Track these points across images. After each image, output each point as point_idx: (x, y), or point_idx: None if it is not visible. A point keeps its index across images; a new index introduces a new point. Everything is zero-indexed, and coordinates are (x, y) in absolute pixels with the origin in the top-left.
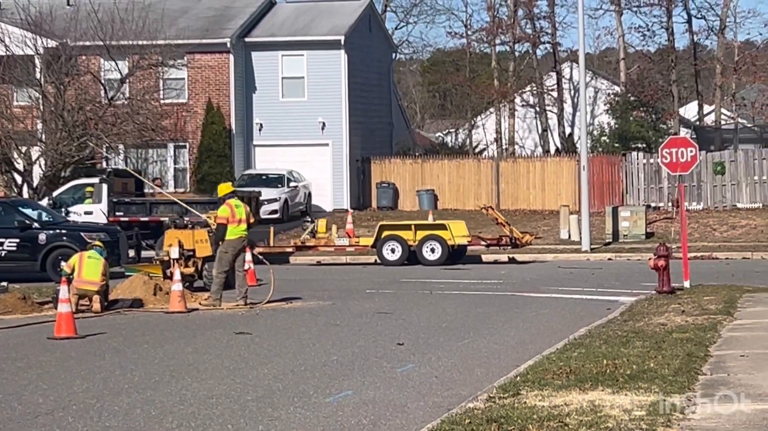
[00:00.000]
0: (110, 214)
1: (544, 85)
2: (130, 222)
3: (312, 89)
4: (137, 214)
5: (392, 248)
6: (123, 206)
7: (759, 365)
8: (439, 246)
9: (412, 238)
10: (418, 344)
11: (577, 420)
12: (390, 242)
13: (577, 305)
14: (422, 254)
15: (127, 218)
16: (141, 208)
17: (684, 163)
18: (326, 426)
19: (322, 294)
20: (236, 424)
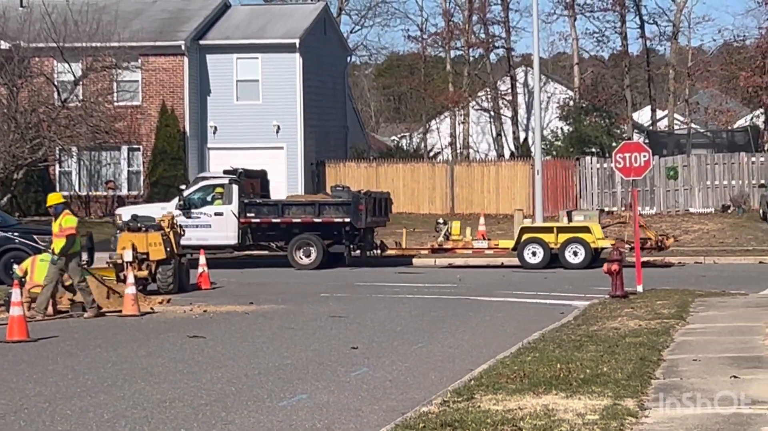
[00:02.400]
0: (241, 216)
1: (498, 90)
2: (261, 223)
3: (266, 92)
4: (269, 216)
5: (533, 251)
6: (254, 207)
7: (711, 369)
8: (582, 249)
9: (554, 241)
10: (372, 348)
11: (531, 424)
12: (531, 245)
13: (531, 309)
14: (564, 257)
15: (259, 219)
16: (273, 209)
17: (637, 168)
18: (280, 430)
19: (276, 297)
20: (189, 428)
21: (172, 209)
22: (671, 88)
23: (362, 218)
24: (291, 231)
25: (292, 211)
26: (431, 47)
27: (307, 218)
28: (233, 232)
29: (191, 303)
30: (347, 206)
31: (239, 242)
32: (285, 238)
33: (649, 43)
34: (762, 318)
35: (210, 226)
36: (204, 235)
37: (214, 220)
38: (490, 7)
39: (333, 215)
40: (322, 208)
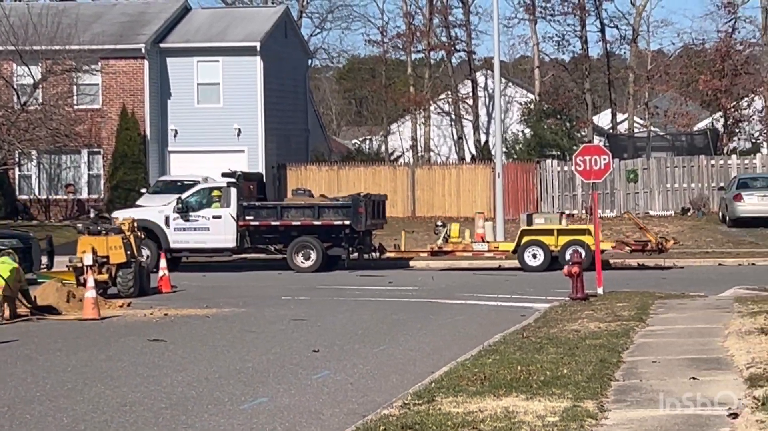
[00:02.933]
0: (239, 219)
1: (459, 93)
2: (260, 226)
3: (227, 95)
4: (267, 218)
5: (534, 253)
6: (253, 210)
7: (670, 371)
8: (582, 252)
9: (554, 243)
10: (333, 351)
11: (491, 426)
12: (531, 247)
13: (492, 312)
14: (565, 259)
15: (258, 222)
16: (272, 212)
17: (597, 171)
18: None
19: (237, 301)
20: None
21: (170, 212)
22: (631, 91)
23: (362, 221)
24: (289, 234)
25: (292, 214)
26: (392, 50)
27: (306, 221)
28: (231, 235)
29: (152, 306)
30: (347, 209)
31: (237, 245)
32: (284, 241)
33: (609, 46)
34: (721, 320)
35: (208, 229)
36: (202, 238)
37: (212, 223)
38: (452, 10)
39: (332, 218)
40: (321, 210)
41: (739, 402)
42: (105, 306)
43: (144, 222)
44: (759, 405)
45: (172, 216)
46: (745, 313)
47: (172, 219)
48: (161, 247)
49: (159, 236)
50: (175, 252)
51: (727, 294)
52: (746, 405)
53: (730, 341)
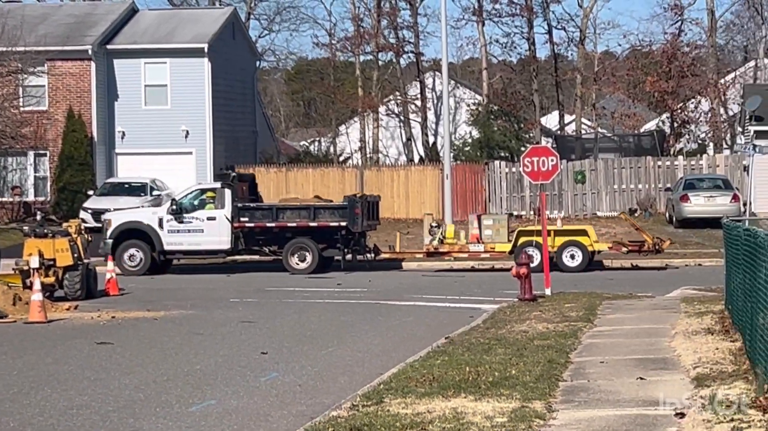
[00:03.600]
0: (234, 220)
1: (407, 95)
2: (255, 228)
3: (175, 97)
4: (263, 220)
5: (530, 254)
6: (248, 212)
7: (618, 371)
8: (579, 253)
9: (551, 244)
10: (282, 353)
11: (440, 427)
12: (528, 248)
13: (441, 313)
14: (562, 260)
15: (253, 224)
16: (267, 214)
17: (545, 172)
18: None
19: (185, 303)
20: None
21: (164, 214)
22: (579, 92)
23: (359, 222)
24: (284, 235)
25: (287, 215)
26: (341, 52)
27: (302, 222)
28: (226, 237)
29: (99, 309)
30: (343, 210)
31: (232, 247)
32: (278, 243)
33: (556, 48)
34: (668, 320)
35: (202, 231)
36: (196, 240)
37: (206, 225)
38: (400, 12)
39: (329, 219)
40: (317, 211)
41: (686, 402)
42: (52, 309)
43: (137, 224)
44: (705, 405)
45: (165, 217)
46: (692, 313)
47: (166, 221)
48: (155, 249)
49: (152, 238)
50: (169, 254)
51: (674, 294)
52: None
53: (677, 341)
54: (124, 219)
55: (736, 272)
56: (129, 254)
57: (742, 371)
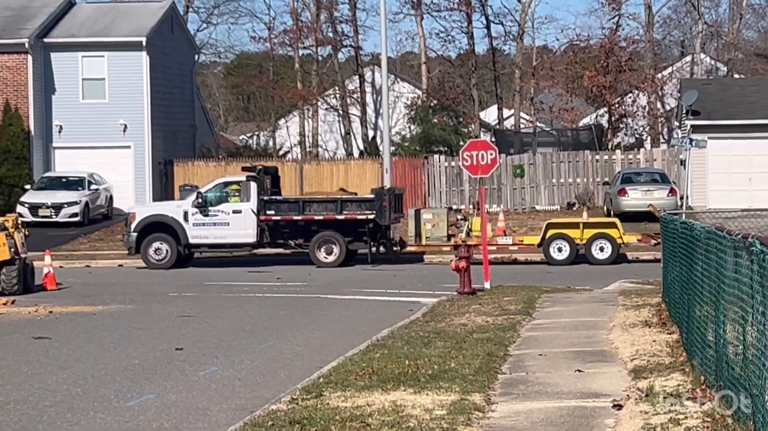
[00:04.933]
0: (260, 213)
1: (346, 89)
2: (281, 221)
3: (113, 91)
4: (289, 213)
5: (559, 247)
6: (274, 204)
7: (556, 364)
8: (609, 245)
9: (580, 237)
10: (221, 347)
11: (380, 421)
12: (557, 241)
13: (380, 307)
14: (591, 253)
15: (279, 217)
16: (293, 207)
17: (484, 166)
18: (127, 430)
19: (123, 297)
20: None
21: (189, 207)
22: (517, 87)
23: (386, 215)
24: (310, 228)
25: (314, 208)
26: (279, 46)
27: (329, 215)
28: (252, 230)
29: (36, 304)
30: (371, 203)
31: (258, 240)
32: (304, 236)
33: (495, 42)
34: (606, 313)
35: (228, 224)
36: (222, 233)
37: (232, 218)
38: (338, 6)
39: (356, 212)
40: (344, 204)
41: (624, 394)
42: None
43: (162, 217)
44: (643, 396)
45: (191, 211)
46: (630, 306)
47: (191, 215)
48: (180, 243)
49: (177, 231)
50: (194, 248)
51: (612, 287)
52: (631, 396)
53: (615, 334)
54: (148, 213)
55: (673, 265)
56: (155, 248)
57: (679, 363)
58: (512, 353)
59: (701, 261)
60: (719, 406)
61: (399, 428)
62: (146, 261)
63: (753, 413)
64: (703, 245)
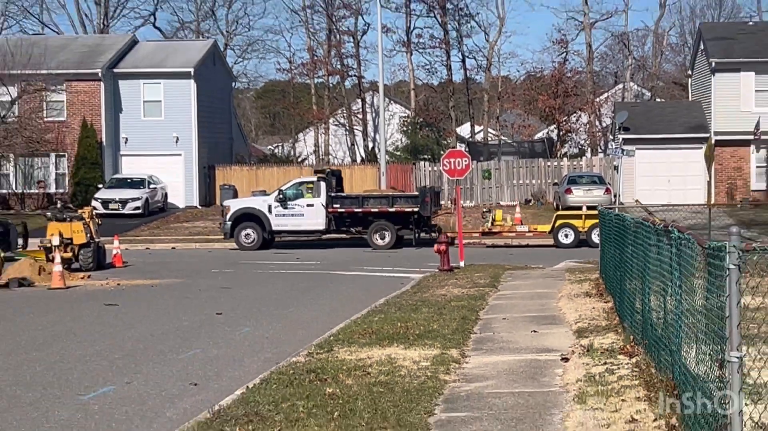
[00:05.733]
0: (328, 206)
1: (351, 109)
2: (345, 213)
3: (168, 110)
4: (351, 206)
5: (566, 234)
6: (339, 200)
7: (516, 326)
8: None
9: (582, 225)
10: (252, 312)
11: (378, 370)
12: (564, 229)
13: (378, 281)
14: (591, 238)
15: (343, 209)
16: (354, 201)
17: (460, 170)
18: (179, 377)
19: (176, 273)
20: (106, 377)
21: (272, 201)
22: (486, 108)
23: (428, 208)
24: (367, 218)
25: (370, 203)
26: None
27: (382, 208)
28: (322, 220)
29: (107, 278)
30: (416, 198)
31: (326, 228)
32: (362, 225)
33: (468, 73)
34: (556, 286)
35: (303, 215)
36: (298, 222)
37: (306, 210)
38: (344, 44)
39: (404, 205)
40: (394, 199)
41: (570, 349)
42: (69, 278)
43: (251, 209)
44: (585, 352)
45: (273, 204)
46: (574, 281)
47: (274, 207)
48: (265, 230)
49: (263, 221)
50: (276, 234)
51: (560, 266)
52: (575, 351)
53: (563, 302)
54: (240, 206)
55: (609, 248)
56: (245, 233)
57: (613, 325)
58: (482, 317)
59: (630, 245)
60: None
61: (393, 376)
62: (238, 244)
63: (672, 364)
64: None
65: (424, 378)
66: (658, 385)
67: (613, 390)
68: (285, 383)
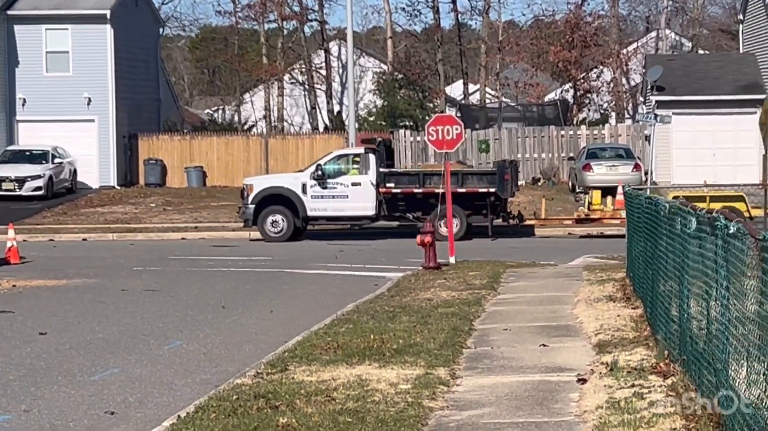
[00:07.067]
0: (380, 185)
1: (312, 63)
2: (402, 194)
3: (77, 64)
4: (410, 185)
5: None
6: (394, 177)
7: (521, 338)
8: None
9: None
10: (186, 321)
11: (345, 395)
12: None
13: (346, 281)
14: None
15: (399, 189)
16: (413, 179)
17: (449, 141)
18: (91, 404)
19: (88, 271)
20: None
21: (306, 179)
22: (483, 62)
23: (508, 188)
24: (428, 201)
25: (434, 181)
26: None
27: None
28: (371, 203)
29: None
30: (492, 176)
31: (376, 213)
32: (422, 209)
33: (461, 17)
34: (571, 288)
35: (347, 197)
36: (340, 206)
37: (351, 191)
38: None
39: (477, 185)
40: (465, 177)
41: (588, 368)
42: None
43: (279, 189)
44: (607, 371)
45: (309, 183)
46: (594, 281)
47: (309, 187)
48: (298, 215)
49: (296, 204)
50: (312, 220)
51: (577, 262)
52: (595, 370)
53: (580, 308)
54: (266, 185)
55: (638, 240)
56: (272, 220)
57: (643, 337)
58: (477, 327)
59: (665, 236)
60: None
61: (364, 402)
62: (263, 234)
63: (716, 387)
64: (668, 220)
65: (403, 404)
66: (700, 413)
67: (642, 419)
68: (227, 412)
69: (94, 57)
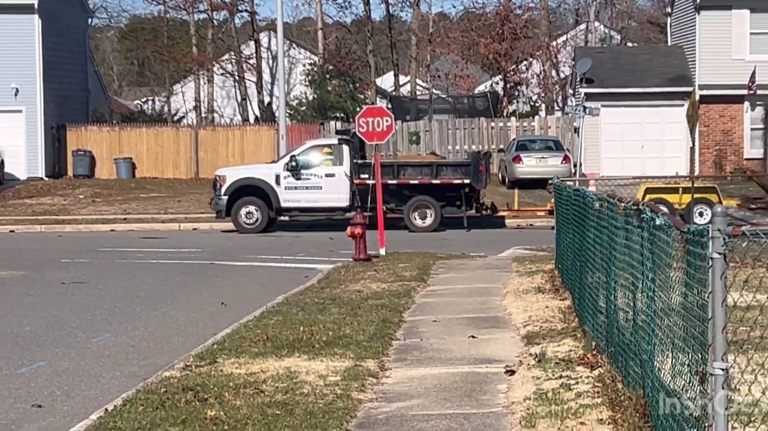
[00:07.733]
0: (354, 177)
1: (242, 54)
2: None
3: (3, 54)
4: (384, 177)
5: (664, 211)
6: (368, 168)
7: (450, 330)
8: (709, 211)
9: (679, 202)
10: (114, 313)
11: (274, 387)
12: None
13: (275, 273)
14: (692, 218)
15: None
16: (387, 171)
17: (380, 133)
18: (18, 397)
19: (14, 263)
20: None
21: (280, 170)
22: (413, 54)
23: (483, 179)
24: (402, 193)
25: (409, 172)
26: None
27: (424, 180)
28: (345, 194)
29: None
30: (466, 167)
31: (350, 204)
32: (396, 200)
33: (391, 8)
34: (500, 280)
35: (321, 188)
36: (314, 197)
37: (325, 182)
38: None
39: (451, 176)
40: (439, 169)
41: (517, 359)
42: None
43: (253, 180)
44: (535, 362)
45: (283, 174)
46: (523, 273)
47: (283, 178)
48: (271, 207)
49: (269, 195)
50: (286, 212)
51: (506, 254)
52: (523, 362)
53: (509, 300)
54: (239, 176)
55: (566, 232)
56: (246, 211)
57: (571, 329)
58: (407, 319)
59: (593, 228)
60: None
61: (293, 394)
62: (237, 226)
63: (642, 377)
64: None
65: (332, 397)
66: (626, 404)
67: (569, 410)
68: (155, 404)
69: (21, 47)
